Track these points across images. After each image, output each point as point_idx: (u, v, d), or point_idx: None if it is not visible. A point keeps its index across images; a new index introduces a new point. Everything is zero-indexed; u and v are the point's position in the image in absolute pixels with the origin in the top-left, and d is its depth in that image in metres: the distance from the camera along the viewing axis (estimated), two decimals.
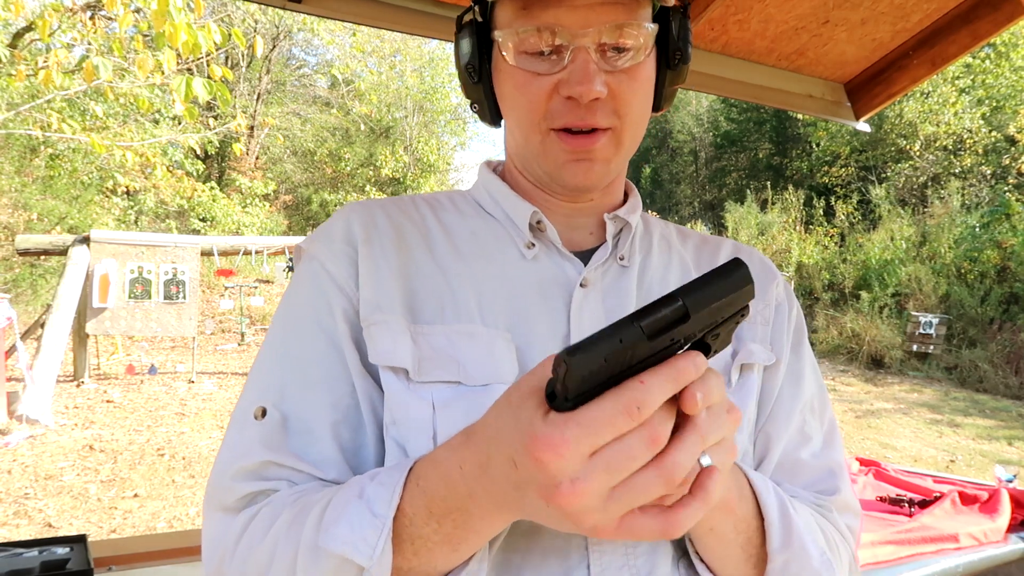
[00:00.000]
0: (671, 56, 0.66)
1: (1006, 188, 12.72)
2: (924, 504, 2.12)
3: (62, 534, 3.51)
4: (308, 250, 0.68)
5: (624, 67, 0.62)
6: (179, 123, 11.35)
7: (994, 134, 13.44)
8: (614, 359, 0.37)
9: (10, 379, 6.07)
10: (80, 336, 7.20)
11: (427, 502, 0.48)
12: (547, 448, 0.38)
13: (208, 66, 4.72)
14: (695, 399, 0.40)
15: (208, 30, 3.89)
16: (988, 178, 13.50)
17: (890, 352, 10.82)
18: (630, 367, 0.38)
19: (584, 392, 0.38)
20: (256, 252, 8.07)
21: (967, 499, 2.16)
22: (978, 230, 11.68)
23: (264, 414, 0.60)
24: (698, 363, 0.40)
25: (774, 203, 15.77)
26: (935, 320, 10.60)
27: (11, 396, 5.81)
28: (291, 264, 8.28)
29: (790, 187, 16.00)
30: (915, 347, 10.65)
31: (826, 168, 16.77)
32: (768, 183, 17.01)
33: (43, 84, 4.67)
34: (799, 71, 1.81)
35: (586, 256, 0.69)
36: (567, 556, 0.56)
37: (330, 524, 0.49)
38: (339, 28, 14.25)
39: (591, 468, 0.38)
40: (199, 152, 11.88)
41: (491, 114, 0.70)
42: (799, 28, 1.60)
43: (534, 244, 0.68)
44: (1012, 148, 13.20)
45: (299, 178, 18.67)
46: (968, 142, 13.84)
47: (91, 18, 5.45)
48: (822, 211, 14.89)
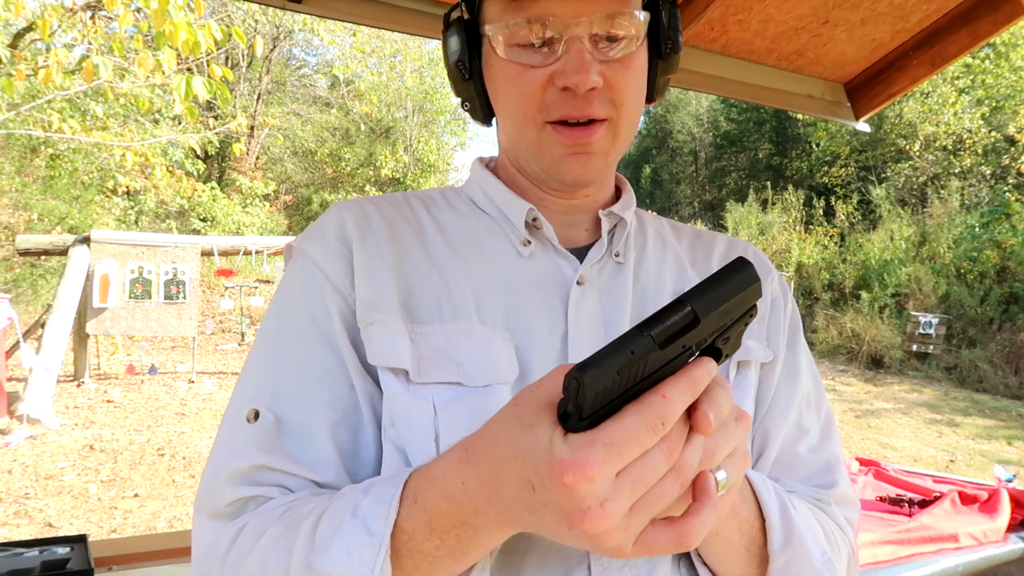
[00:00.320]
0: (662, 46, 0.65)
1: (1006, 188, 12.71)
2: (924, 504, 2.12)
3: (62, 534, 3.51)
4: (300, 248, 0.66)
5: (618, 57, 0.61)
6: (179, 123, 11.34)
7: (994, 134, 13.44)
8: (627, 372, 0.36)
9: (10, 379, 6.06)
10: (80, 336, 7.20)
11: (428, 519, 0.46)
12: (575, 472, 0.36)
13: (208, 66, 4.72)
14: (708, 419, 0.39)
15: (208, 29, 3.89)
16: (988, 178, 13.50)
17: (890, 352, 10.83)
18: (643, 379, 0.37)
19: (599, 411, 0.37)
20: (256, 252, 8.07)
21: (967, 499, 2.16)
22: (978, 230, 11.68)
23: (257, 416, 0.58)
24: (711, 370, 0.38)
25: (774, 203, 15.77)
26: (935, 320, 10.60)
27: (11, 396, 5.81)
28: None
29: (790, 187, 16.01)
30: (915, 347, 10.65)
31: (826, 168, 16.77)
32: (768, 183, 17.01)
33: (43, 84, 4.67)
34: (799, 71, 1.81)
35: (581, 253, 0.68)
36: (567, 557, 0.55)
37: (324, 545, 0.47)
38: (339, 28, 14.24)
39: (618, 487, 0.37)
40: (199, 152, 11.86)
41: (483, 112, 0.69)
42: (799, 28, 1.60)
43: (530, 241, 0.67)
44: (1012, 148, 13.20)
45: (299, 178, 18.65)
46: (968, 142, 13.84)
47: (91, 18, 5.45)
48: (822, 211, 14.89)
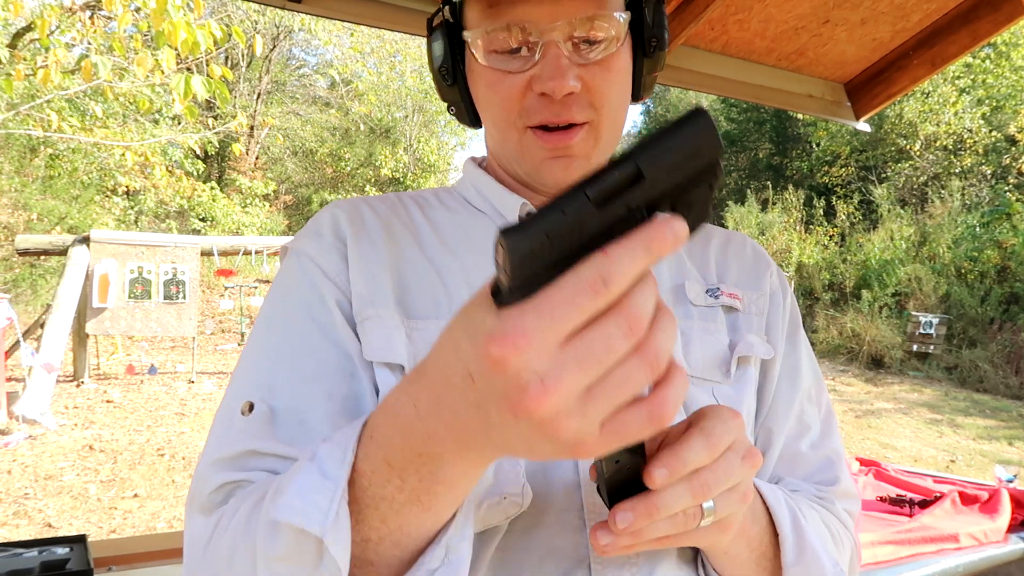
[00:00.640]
0: (647, 43, 0.64)
1: (1006, 188, 12.71)
2: (924, 504, 2.12)
3: (62, 534, 3.51)
4: (295, 247, 0.66)
5: (597, 59, 0.60)
6: (179, 123, 11.34)
7: (994, 134, 13.44)
8: (558, 235, 0.31)
9: (10, 379, 6.07)
10: (80, 336, 7.20)
11: (385, 455, 0.42)
12: (503, 344, 0.31)
13: (208, 65, 4.72)
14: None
15: (208, 28, 3.89)
16: (988, 178, 13.51)
17: (890, 352, 10.82)
18: (583, 245, 0.32)
19: (530, 279, 0.32)
20: (256, 252, 8.07)
21: (967, 499, 2.16)
22: (978, 230, 11.68)
23: (251, 409, 0.56)
24: (676, 229, 0.32)
25: (774, 203, 15.77)
26: (935, 320, 10.60)
27: (11, 396, 5.81)
28: None
29: (790, 187, 16.00)
30: (915, 347, 10.65)
31: (826, 168, 16.76)
32: (768, 183, 17.01)
33: (42, 83, 4.66)
34: (799, 71, 1.81)
35: None
36: (566, 556, 0.55)
37: (280, 493, 0.43)
38: (337, 28, 14.24)
39: (561, 361, 0.31)
40: (199, 152, 11.87)
41: (469, 115, 0.69)
42: (799, 28, 1.60)
43: None
44: (1012, 148, 13.20)
45: (299, 178, 18.66)
46: (968, 142, 13.84)
47: (90, 17, 5.45)
48: (822, 211, 14.89)
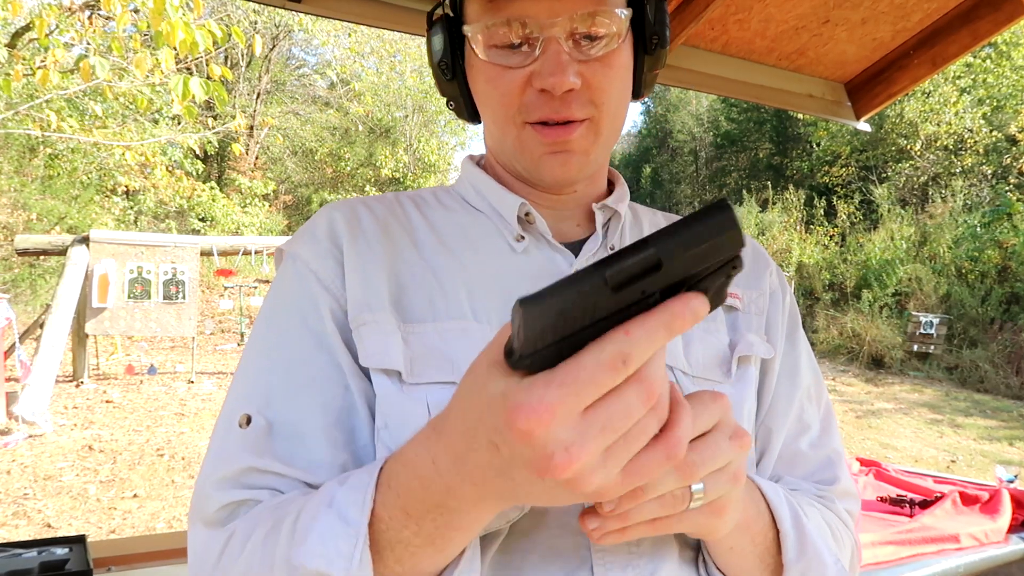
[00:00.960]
0: (648, 41, 0.64)
1: (1007, 188, 12.71)
2: (925, 504, 2.11)
3: (61, 534, 3.50)
4: (291, 250, 0.65)
5: (598, 55, 0.60)
6: (178, 123, 11.35)
7: (995, 134, 13.44)
8: (572, 313, 0.32)
9: (9, 379, 6.07)
10: (79, 336, 7.20)
11: (403, 504, 0.44)
12: (529, 417, 0.33)
13: (208, 66, 4.72)
14: (678, 439, 0.37)
15: (208, 26, 3.89)
16: (989, 178, 13.51)
17: (891, 352, 10.82)
18: (595, 322, 0.33)
19: (543, 349, 0.34)
20: (256, 252, 8.07)
21: (968, 499, 2.16)
22: (979, 230, 11.68)
23: (249, 421, 0.57)
24: (695, 308, 0.33)
25: (775, 203, 15.77)
26: (936, 320, 10.60)
27: (10, 396, 5.81)
28: None
29: (791, 187, 16.01)
30: (916, 347, 10.65)
31: (827, 168, 16.76)
32: (769, 183, 17.02)
33: (41, 83, 4.66)
34: (799, 71, 1.81)
35: (576, 248, 0.68)
36: (569, 558, 0.54)
37: (302, 538, 0.46)
38: (337, 28, 14.25)
39: (584, 428, 0.34)
40: (198, 152, 11.87)
41: (468, 111, 0.69)
42: (799, 28, 1.60)
43: (523, 237, 0.66)
44: (1013, 148, 13.21)
45: (299, 178, 18.66)
46: (969, 142, 13.84)
47: (89, 17, 5.45)
48: (823, 211, 14.89)
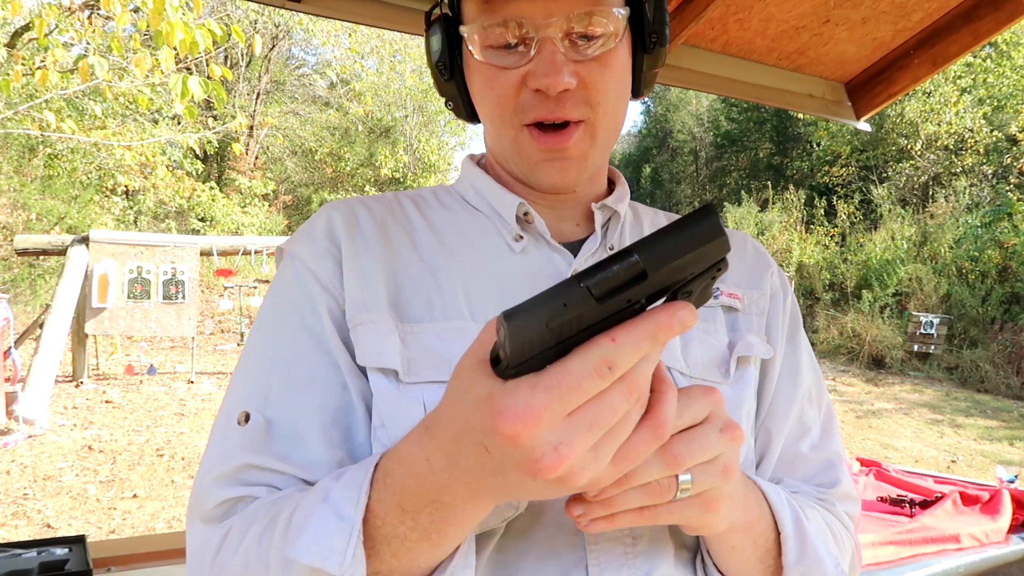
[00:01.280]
0: (647, 39, 0.63)
1: (1007, 188, 12.72)
2: (925, 504, 2.11)
3: (61, 535, 3.50)
4: (290, 250, 0.65)
5: (595, 55, 0.59)
6: (178, 123, 11.35)
7: (995, 133, 13.44)
8: (558, 325, 0.33)
9: (8, 379, 6.07)
10: (79, 336, 7.20)
11: (399, 500, 0.45)
12: (516, 421, 0.34)
13: (208, 65, 4.72)
14: (663, 419, 0.39)
15: (208, 26, 3.89)
16: (989, 177, 13.51)
17: (891, 352, 10.83)
18: (581, 331, 0.34)
19: (529, 359, 0.34)
20: (255, 252, 8.07)
21: (968, 500, 2.16)
22: (979, 230, 11.68)
23: (247, 419, 0.57)
24: (682, 317, 0.34)
25: (775, 203, 15.77)
26: (936, 320, 10.60)
27: (10, 396, 5.81)
28: None
29: (791, 187, 16.01)
30: (916, 347, 10.65)
31: (827, 168, 16.76)
32: (769, 183, 17.02)
33: (40, 83, 4.66)
34: (800, 70, 1.80)
35: (575, 247, 0.67)
36: (564, 557, 0.54)
37: (296, 534, 0.46)
38: (337, 28, 14.24)
39: (571, 429, 0.35)
40: (198, 152, 11.87)
41: (466, 111, 0.69)
42: (800, 27, 1.60)
43: (522, 236, 0.66)
44: (1013, 148, 13.21)
45: (299, 178, 18.66)
46: (969, 141, 13.85)
47: (88, 17, 5.44)
48: (823, 211, 14.89)
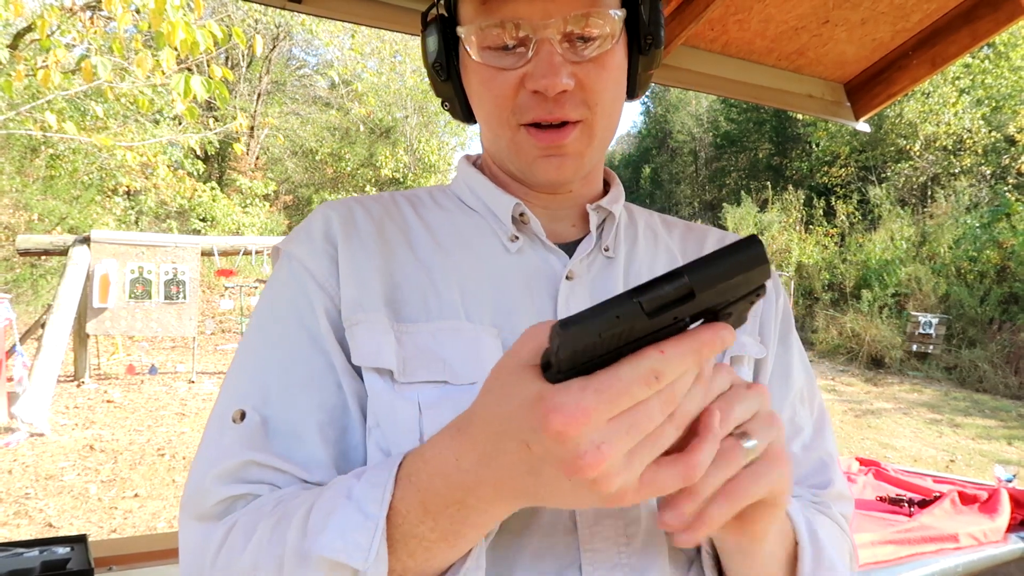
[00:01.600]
0: (642, 41, 0.64)
1: (1006, 188, 12.72)
2: (924, 504, 2.11)
3: (63, 534, 3.51)
4: (286, 249, 0.65)
5: (592, 56, 0.60)
6: (179, 123, 11.35)
7: (994, 134, 13.45)
8: (609, 335, 0.35)
9: (10, 379, 6.08)
10: (80, 336, 7.21)
11: (422, 499, 0.45)
12: (567, 418, 0.36)
13: (209, 66, 4.72)
14: (696, 464, 0.40)
15: (209, 27, 3.89)
16: (988, 178, 13.52)
17: (890, 352, 10.83)
18: (630, 342, 0.37)
19: (579, 365, 0.37)
20: (256, 252, 8.08)
21: (967, 499, 2.16)
22: (978, 230, 11.68)
23: (243, 417, 0.57)
24: (724, 337, 0.37)
25: (774, 203, 15.78)
26: (935, 320, 10.61)
27: (11, 396, 5.81)
28: None
29: (790, 187, 16.02)
30: (915, 347, 10.66)
31: (826, 168, 16.77)
32: (768, 183, 17.02)
33: (42, 84, 4.66)
34: (799, 71, 1.81)
35: (570, 248, 0.68)
36: (559, 556, 0.55)
37: (318, 529, 0.46)
38: (338, 29, 14.24)
39: (612, 430, 0.37)
40: (199, 152, 11.87)
41: (463, 111, 0.69)
42: (799, 28, 1.60)
43: (518, 237, 0.66)
44: (1012, 148, 13.21)
45: (300, 178, 18.65)
46: (968, 142, 13.85)
47: (90, 18, 5.45)
48: (822, 211, 14.90)
